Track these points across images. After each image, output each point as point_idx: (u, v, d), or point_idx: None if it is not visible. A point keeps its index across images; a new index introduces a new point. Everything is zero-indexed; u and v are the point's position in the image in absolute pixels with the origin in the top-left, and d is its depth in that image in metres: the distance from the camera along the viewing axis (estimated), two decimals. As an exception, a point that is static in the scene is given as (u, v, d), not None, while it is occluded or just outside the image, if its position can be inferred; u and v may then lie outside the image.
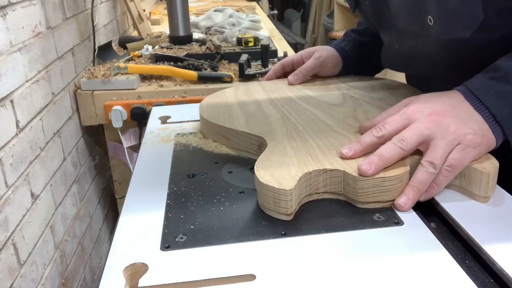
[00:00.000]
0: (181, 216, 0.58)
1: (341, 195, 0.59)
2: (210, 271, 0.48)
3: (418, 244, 0.50)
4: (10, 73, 1.04)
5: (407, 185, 0.57)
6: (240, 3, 3.02)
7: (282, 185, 0.54)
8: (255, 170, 0.58)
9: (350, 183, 0.57)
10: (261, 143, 0.70)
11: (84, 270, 1.45)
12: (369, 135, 0.61)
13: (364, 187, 0.56)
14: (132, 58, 1.67)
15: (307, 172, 0.57)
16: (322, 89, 0.91)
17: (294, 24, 5.74)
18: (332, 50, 0.97)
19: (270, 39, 1.90)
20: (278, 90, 0.91)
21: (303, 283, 0.45)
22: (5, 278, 0.96)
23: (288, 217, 0.55)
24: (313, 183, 0.59)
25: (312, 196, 0.59)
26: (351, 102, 0.82)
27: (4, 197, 0.98)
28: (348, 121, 0.73)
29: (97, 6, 1.73)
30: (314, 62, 0.95)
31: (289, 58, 1.00)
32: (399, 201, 0.56)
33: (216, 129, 0.77)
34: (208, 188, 0.64)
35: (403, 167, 0.58)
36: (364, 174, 0.56)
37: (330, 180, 0.59)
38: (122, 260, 0.50)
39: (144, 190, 0.66)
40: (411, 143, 0.58)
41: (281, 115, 0.78)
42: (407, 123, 0.60)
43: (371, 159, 0.57)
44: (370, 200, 0.57)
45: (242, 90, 0.93)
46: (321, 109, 0.79)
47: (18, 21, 1.09)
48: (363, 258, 0.49)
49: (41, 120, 1.19)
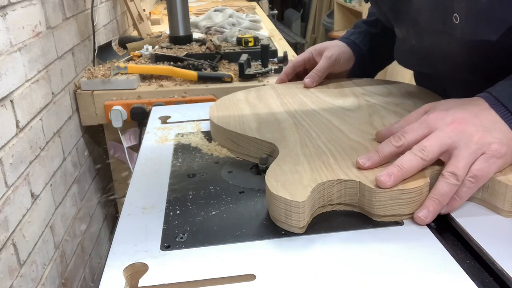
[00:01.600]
0: (181, 216, 0.58)
1: (356, 207, 0.56)
2: (210, 271, 0.48)
3: (418, 244, 0.50)
4: (10, 73, 1.04)
5: (427, 197, 0.54)
6: (240, 3, 3.02)
7: (294, 196, 0.51)
8: (266, 180, 0.56)
9: (366, 195, 0.54)
10: (272, 150, 0.67)
11: (84, 270, 1.45)
12: (387, 145, 0.58)
13: (381, 199, 0.53)
14: (132, 58, 1.67)
15: (321, 183, 0.54)
16: (336, 92, 0.88)
17: (294, 24, 5.74)
18: (344, 46, 0.93)
19: (270, 39, 1.90)
20: (291, 94, 0.88)
21: (303, 283, 0.45)
22: (5, 278, 0.96)
23: (300, 230, 0.52)
24: (327, 194, 0.56)
25: (325, 208, 0.56)
26: (366, 107, 0.79)
27: (4, 197, 0.98)
28: (364, 128, 0.70)
29: (97, 6, 1.73)
30: (328, 62, 0.91)
31: (300, 58, 0.96)
32: (419, 214, 0.53)
33: (226, 135, 0.74)
34: (208, 188, 0.64)
35: (423, 179, 0.54)
36: (383, 186, 0.52)
37: (345, 191, 0.56)
38: (122, 260, 0.50)
39: (144, 190, 0.66)
40: (432, 153, 0.55)
41: (293, 120, 0.75)
42: (428, 131, 0.57)
43: (390, 170, 0.53)
44: (387, 214, 0.54)
45: (253, 93, 0.90)
46: (335, 115, 0.76)
47: (18, 21, 1.09)
48: (363, 258, 0.49)
49: (41, 120, 1.19)
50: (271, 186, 0.54)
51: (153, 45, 1.77)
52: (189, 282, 0.47)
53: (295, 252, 0.50)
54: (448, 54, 0.71)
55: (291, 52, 1.82)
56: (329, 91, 0.89)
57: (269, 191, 0.54)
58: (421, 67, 0.83)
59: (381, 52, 0.95)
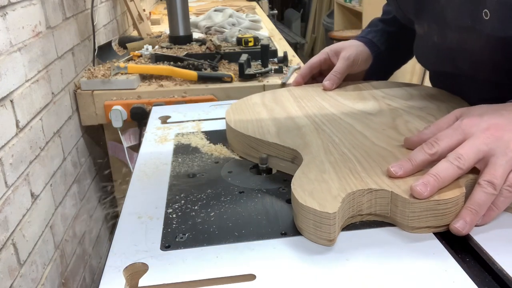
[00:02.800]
0: (181, 216, 0.58)
1: (387, 218, 0.54)
2: (210, 271, 0.48)
3: (418, 244, 0.50)
4: (10, 73, 1.04)
5: (463, 207, 0.51)
6: (240, 3, 3.02)
7: (324, 207, 0.49)
8: (292, 189, 0.53)
9: (399, 205, 0.51)
10: (294, 157, 0.65)
11: (84, 270, 1.45)
12: (420, 152, 0.55)
13: (416, 210, 0.51)
14: (132, 58, 1.67)
15: (350, 192, 0.52)
16: (355, 96, 0.85)
17: (294, 24, 5.74)
18: (361, 45, 0.91)
19: (270, 39, 1.90)
20: (308, 97, 0.85)
21: (303, 283, 0.45)
22: (5, 278, 0.96)
23: (329, 244, 0.50)
24: (357, 204, 0.53)
25: (354, 218, 0.54)
26: (388, 111, 0.76)
27: (4, 197, 0.98)
28: (388, 133, 0.67)
29: (97, 6, 1.73)
30: (346, 62, 0.88)
31: (316, 59, 0.93)
32: (456, 225, 0.50)
33: (243, 140, 0.72)
34: (208, 188, 0.64)
35: (459, 189, 0.52)
36: (419, 197, 0.50)
37: (375, 201, 0.53)
38: (122, 260, 0.50)
39: (144, 190, 0.66)
40: (469, 161, 0.52)
41: (314, 125, 0.72)
42: (462, 138, 0.54)
43: (426, 180, 0.51)
44: (421, 225, 0.51)
45: (269, 96, 0.87)
46: (356, 119, 0.73)
47: (18, 21, 1.09)
48: (363, 257, 0.49)
49: (41, 120, 1.19)
50: (299, 195, 0.52)
51: (153, 45, 1.77)
52: (189, 282, 0.47)
53: (295, 252, 0.50)
54: (472, 52, 0.69)
55: (291, 52, 1.82)
56: (348, 94, 0.86)
57: (296, 201, 0.52)
58: (442, 65, 0.79)
59: (398, 51, 0.93)
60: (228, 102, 1.03)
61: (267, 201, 0.60)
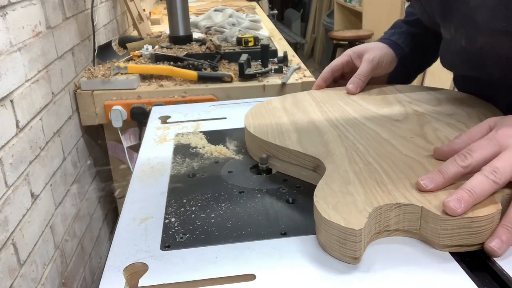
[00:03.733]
0: (181, 216, 0.58)
1: (416, 235, 0.50)
2: (210, 271, 0.48)
3: (417, 244, 0.50)
4: (10, 73, 1.04)
5: (498, 225, 0.48)
6: (240, 3, 3.02)
7: (349, 223, 0.46)
8: (315, 201, 0.50)
9: (430, 222, 0.48)
10: (317, 165, 0.62)
11: (84, 270, 1.45)
12: (452, 164, 0.52)
13: (448, 228, 0.47)
14: (132, 58, 1.67)
15: (377, 207, 0.49)
16: (380, 100, 0.80)
17: (294, 24, 5.74)
18: (385, 47, 0.87)
19: (270, 39, 1.90)
20: (330, 101, 0.81)
21: (303, 283, 0.45)
22: (5, 278, 0.96)
23: (355, 261, 0.47)
24: (384, 219, 0.50)
25: (381, 234, 0.51)
26: (415, 117, 0.72)
27: (4, 197, 0.98)
28: (416, 141, 0.63)
29: (97, 6, 1.73)
30: (370, 65, 0.84)
31: (338, 61, 0.88)
32: (491, 244, 0.47)
33: (263, 146, 0.69)
34: (208, 188, 0.64)
35: (494, 205, 0.48)
36: (452, 214, 0.46)
37: (404, 217, 0.50)
38: (122, 260, 0.50)
39: (144, 190, 0.66)
40: (505, 175, 0.49)
41: (337, 132, 0.68)
42: (497, 150, 0.51)
43: (460, 195, 0.47)
44: (453, 244, 0.48)
45: (290, 100, 0.83)
46: (382, 126, 0.69)
47: (18, 21, 1.09)
48: (362, 257, 0.49)
49: (41, 120, 1.19)
50: (322, 209, 0.49)
51: (153, 45, 1.77)
52: (189, 282, 0.47)
53: (295, 252, 0.50)
54: (503, 56, 0.66)
55: (291, 52, 1.82)
56: (372, 98, 0.82)
57: (319, 215, 0.49)
58: (469, 70, 0.76)
59: (423, 53, 0.89)
60: (228, 102, 1.03)
61: (267, 201, 0.60)
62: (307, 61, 5.22)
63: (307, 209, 0.58)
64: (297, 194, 0.61)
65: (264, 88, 1.46)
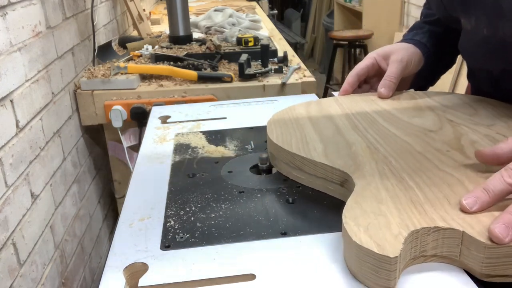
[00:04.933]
0: (181, 215, 0.58)
1: (455, 262, 0.46)
2: (210, 271, 0.48)
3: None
4: (10, 73, 1.04)
5: None
6: (240, 3, 3.02)
7: (383, 249, 0.42)
8: (344, 222, 0.46)
9: (472, 249, 0.43)
10: (345, 180, 0.57)
11: (84, 270, 1.45)
12: (499, 181, 0.46)
13: (492, 256, 0.42)
14: (132, 58, 1.67)
15: (414, 231, 0.44)
16: (411, 108, 0.75)
17: (294, 24, 5.74)
18: (411, 47, 0.84)
19: (270, 39, 1.90)
20: (357, 109, 0.76)
21: (303, 283, 0.45)
22: (5, 278, 0.96)
23: None
24: (420, 244, 0.45)
25: (417, 260, 0.46)
26: (451, 128, 0.66)
27: (4, 197, 0.98)
28: (453, 156, 0.58)
29: (97, 6, 1.73)
30: (400, 66, 0.80)
31: (363, 65, 0.84)
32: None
33: (286, 157, 0.64)
34: (208, 188, 0.64)
35: None
36: (499, 242, 0.42)
37: (442, 242, 0.45)
38: (122, 260, 0.50)
39: (144, 190, 0.66)
40: None
41: (366, 143, 0.63)
42: None
43: (507, 220, 0.42)
44: (497, 273, 0.43)
45: (314, 107, 0.79)
46: (415, 137, 0.64)
47: (18, 21, 1.09)
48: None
49: (41, 120, 1.19)
50: (352, 232, 0.44)
51: (153, 45, 1.77)
52: (189, 282, 0.47)
53: (295, 252, 0.50)
54: None
55: (291, 52, 1.82)
56: (402, 105, 0.76)
57: (349, 238, 0.44)
58: (490, 60, 0.72)
59: (447, 52, 0.87)
60: (228, 102, 1.03)
61: (267, 201, 0.60)
62: (307, 61, 5.23)
63: (307, 209, 0.58)
64: (297, 194, 0.61)
65: (264, 88, 1.46)
